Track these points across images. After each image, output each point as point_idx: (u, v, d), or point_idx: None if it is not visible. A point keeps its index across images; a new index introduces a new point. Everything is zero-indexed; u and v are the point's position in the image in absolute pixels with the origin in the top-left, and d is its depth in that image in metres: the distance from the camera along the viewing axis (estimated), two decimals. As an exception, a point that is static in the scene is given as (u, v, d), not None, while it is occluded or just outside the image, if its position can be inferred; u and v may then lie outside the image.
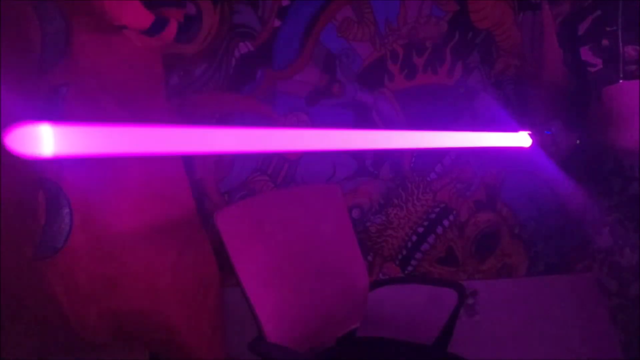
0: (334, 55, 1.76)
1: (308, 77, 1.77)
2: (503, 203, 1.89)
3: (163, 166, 1.60)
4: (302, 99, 1.78)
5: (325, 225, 1.58)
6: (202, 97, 1.75)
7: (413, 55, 1.79)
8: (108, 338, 1.52)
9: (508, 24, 1.78)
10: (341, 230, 1.61)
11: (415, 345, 1.52)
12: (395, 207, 1.85)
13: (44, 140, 0.88)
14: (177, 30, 1.49)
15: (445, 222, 1.88)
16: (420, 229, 1.88)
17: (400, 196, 1.85)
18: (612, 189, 1.47)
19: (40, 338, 1.53)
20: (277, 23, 1.73)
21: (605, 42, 1.46)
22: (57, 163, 1.41)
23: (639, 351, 1.50)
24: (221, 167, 1.78)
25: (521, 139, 1.59)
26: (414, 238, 1.88)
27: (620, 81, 1.42)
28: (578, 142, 1.62)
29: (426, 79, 1.80)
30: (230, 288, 1.71)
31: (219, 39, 1.72)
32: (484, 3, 1.77)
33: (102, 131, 0.97)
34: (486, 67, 1.80)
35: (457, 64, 1.80)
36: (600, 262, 1.52)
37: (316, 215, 1.57)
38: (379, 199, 1.84)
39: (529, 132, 1.58)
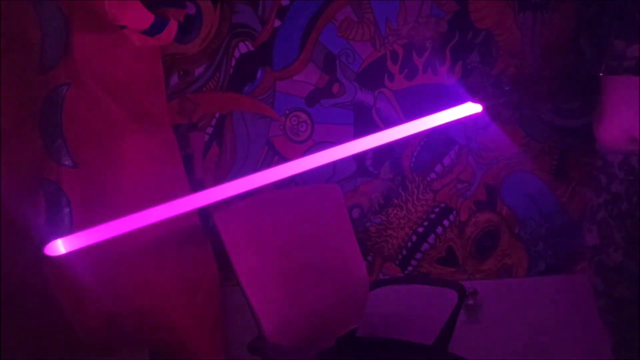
0: (334, 55, 1.76)
1: (308, 77, 1.77)
2: (503, 203, 1.89)
3: (163, 166, 1.60)
4: (302, 99, 1.78)
5: (325, 225, 1.58)
6: (202, 97, 1.75)
7: (413, 55, 1.79)
8: (108, 338, 1.52)
9: (508, 24, 1.78)
10: (341, 231, 1.61)
11: (415, 345, 1.52)
12: (395, 207, 1.85)
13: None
14: (177, 30, 1.49)
15: (445, 222, 1.88)
16: (420, 229, 1.88)
17: (400, 196, 1.85)
18: (600, 186, 1.45)
19: (40, 338, 1.53)
20: (277, 23, 1.73)
21: (600, 31, 1.43)
22: (58, 162, 1.41)
23: (629, 353, 1.47)
24: (221, 167, 1.78)
25: (472, 107, 1.65)
26: (414, 238, 1.88)
27: (600, 74, 1.40)
28: (507, 88, 1.72)
29: (426, 79, 1.80)
30: (230, 288, 1.71)
31: (219, 39, 1.73)
32: (484, 3, 1.76)
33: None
34: (486, 67, 1.80)
35: (457, 64, 1.80)
36: (589, 260, 1.50)
37: (316, 215, 1.57)
38: (379, 199, 1.84)
39: (477, 98, 1.65)
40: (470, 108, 1.64)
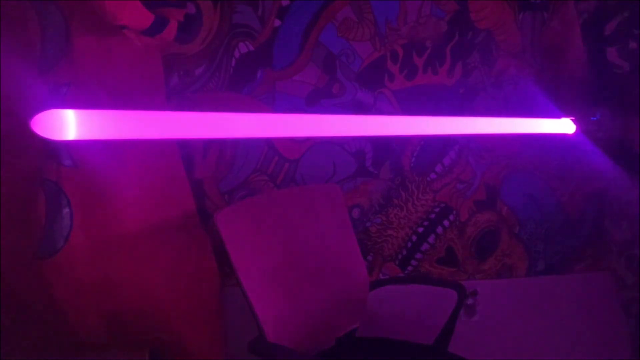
0: (334, 55, 1.76)
1: (308, 77, 1.77)
2: (503, 203, 1.89)
3: (163, 166, 1.60)
4: (302, 99, 1.78)
5: (325, 225, 1.58)
6: (202, 97, 1.75)
7: (413, 55, 1.79)
8: (108, 338, 1.52)
9: (508, 24, 1.78)
10: (341, 230, 1.61)
11: (415, 345, 1.52)
12: (395, 207, 1.86)
13: (66, 124, 1.00)
14: (177, 30, 1.49)
15: (445, 222, 1.88)
16: (420, 229, 1.88)
17: (400, 196, 1.85)
18: (633, 183, 1.48)
19: (40, 338, 1.53)
20: (277, 23, 1.73)
21: (632, 44, 1.43)
22: (58, 162, 1.41)
23: None
24: (221, 167, 1.78)
25: (564, 126, 1.55)
26: (414, 238, 1.88)
27: None
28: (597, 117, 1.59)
29: (426, 79, 1.80)
30: (230, 288, 1.71)
31: (219, 39, 1.72)
32: (484, 3, 1.77)
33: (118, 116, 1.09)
34: (486, 67, 1.80)
35: (457, 64, 1.80)
36: (617, 254, 1.53)
37: (316, 215, 1.57)
38: (379, 199, 1.85)
39: (573, 119, 1.54)
40: (563, 126, 1.52)
